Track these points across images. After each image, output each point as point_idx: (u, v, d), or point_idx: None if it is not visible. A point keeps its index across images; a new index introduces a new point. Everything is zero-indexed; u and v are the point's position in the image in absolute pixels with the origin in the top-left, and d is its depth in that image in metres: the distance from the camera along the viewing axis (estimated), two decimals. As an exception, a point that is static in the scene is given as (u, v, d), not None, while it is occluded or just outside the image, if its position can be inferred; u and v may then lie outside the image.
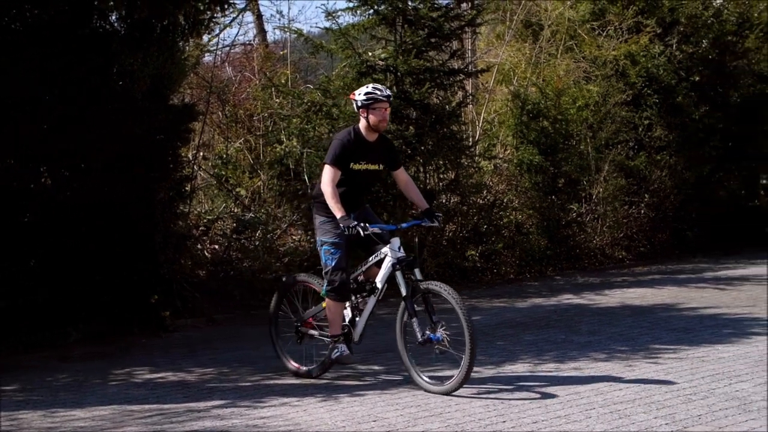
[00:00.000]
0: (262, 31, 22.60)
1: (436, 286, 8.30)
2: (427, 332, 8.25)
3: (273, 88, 15.34)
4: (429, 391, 8.31)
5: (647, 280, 15.82)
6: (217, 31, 16.50)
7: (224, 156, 14.89)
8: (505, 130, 17.68)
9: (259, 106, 15.40)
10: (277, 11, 37.58)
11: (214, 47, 16.66)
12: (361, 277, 8.84)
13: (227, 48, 18.08)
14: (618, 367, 9.30)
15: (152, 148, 11.49)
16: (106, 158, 11.00)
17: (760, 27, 21.11)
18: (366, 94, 8.59)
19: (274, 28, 41.55)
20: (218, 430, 7.35)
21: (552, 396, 8.23)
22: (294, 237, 14.63)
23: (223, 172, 14.72)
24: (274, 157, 14.57)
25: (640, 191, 18.73)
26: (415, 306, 8.37)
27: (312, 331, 9.14)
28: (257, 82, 15.99)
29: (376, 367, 9.54)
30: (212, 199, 14.90)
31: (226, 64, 17.54)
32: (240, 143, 15.26)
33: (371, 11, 14.97)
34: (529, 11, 19.56)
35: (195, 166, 14.26)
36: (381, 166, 8.79)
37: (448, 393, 8.22)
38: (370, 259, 8.69)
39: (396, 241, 8.51)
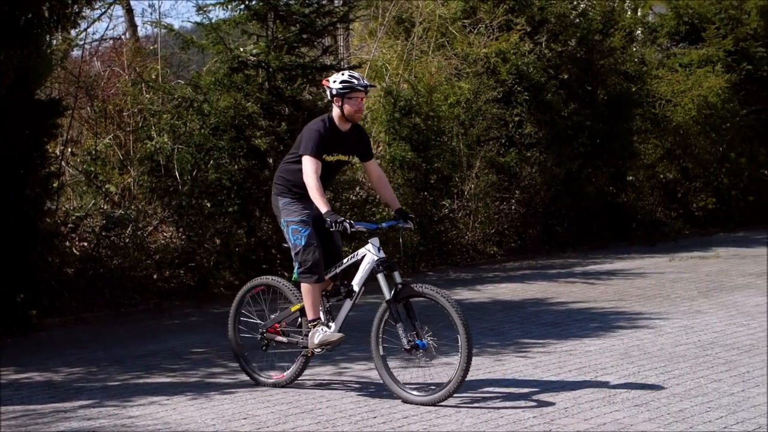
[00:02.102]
0: (132, 26, 22.34)
1: (428, 289, 7.85)
2: (410, 338, 7.85)
3: (143, 84, 15.14)
4: (412, 402, 7.82)
5: (518, 275, 16.02)
6: (85, 26, 16.25)
7: (93, 152, 14.63)
8: (377, 126, 17.72)
9: (129, 101, 15.18)
10: (149, 5, 37.12)
11: (83, 41, 16.39)
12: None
13: (96, 42, 17.80)
14: (488, 362, 9.41)
15: (17, 144, 11.24)
16: (-31, 154, 10.73)
17: (624, 27, 21.56)
18: (342, 82, 8.08)
19: (145, 23, 41.07)
20: (85, 430, 7.23)
21: (423, 391, 8.28)
22: (165, 234, 14.46)
23: (92, 169, 14.46)
24: (144, 153, 14.39)
25: (510, 187, 18.96)
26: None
27: (279, 337, 8.55)
28: (127, 77, 15.76)
29: (247, 365, 9.49)
30: (81, 196, 14.62)
31: (95, 58, 17.26)
32: (109, 139, 15.02)
33: (242, 6, 14.88)
34: (402, 8, 19.65)
35: (63, 162, 14.00)
36: (351, 157, 8.42)
37: (434, 403, 7.73)
38: (345, 261, 8.24)
39: (376, 241, 8.07)
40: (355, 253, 8.21)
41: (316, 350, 8.28)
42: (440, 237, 17.51)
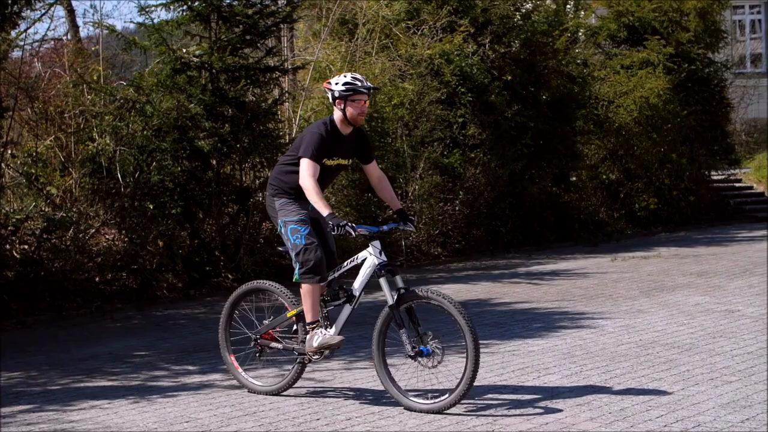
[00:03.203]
0: (74, 27, 22.13)
1: (433, 293, 7.65)
2: (414, 344, 7.64)
3: (84, 85, 15.01)
4: (416, 410, 7.58)
5: (462, 276, 16.07)
6: (26, 26, 16.09)
7: (34, 154, 14.48)
8: (321, 127, 17.69)
9: (70, 102, 15.05)
10: (91, 6, 36.79)
11: (23, 42, 16.20)
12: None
13: (37, 43, 17.62)
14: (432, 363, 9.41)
15: (-44, 146, 11.12)
16: None
17: (568, 29, 21.70)
18: (345, 84, 7.84)
19: (86, 24, 40.73)
20: (25, 435, 7.16)
21: (366, 392, 8.29)
22: (107, 236, 14.35)
23: (33, 171, 14.32)
24: (86, 155, 14.27)
25: (455, 188, 19.01)
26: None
27: (274, 344, 8.28)
28: (68, 78, 15.62)
29: (190, 367, 9.45)
30: (21, 198, 14.47)
31: (36, 59, 17.08)
32: (50, 141, 14.87)
33: (185, 7, 14.84)
34: (345, 9, 19.63)
35: (2, 164, 13.85)
36: (351, 161, 8.24)
37: (441, 411, 7.49)
38: (344, 264, 8.02)
39: (378, 244, 7.85)
40: (356, 256, 7.98)
41: (314, 356, 8.02)
42: (384, 239, 17.50)
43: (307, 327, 7.96)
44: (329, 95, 8.00)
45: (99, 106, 14.74)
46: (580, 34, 24.09)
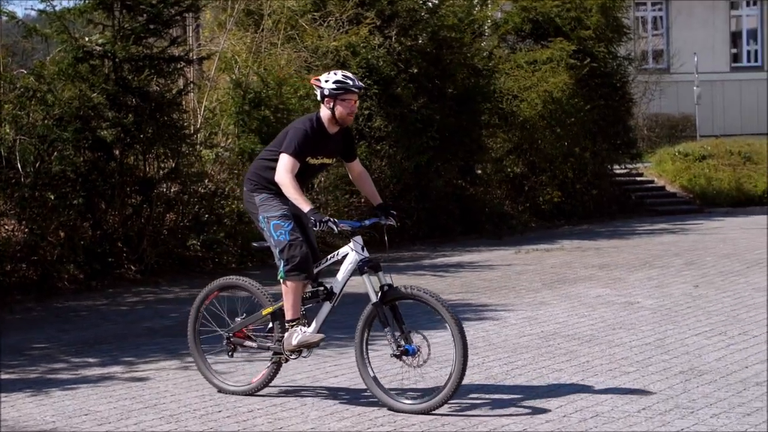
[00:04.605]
0: (-27, 13, 21.69)
1: (417, 290, 7.54)
2: (399, 343, 7.48)
3: (-17, 73, 14.74)
4: (402, 411, 7.37)
5: (367, 268, 16.06)
6: None
7: (-71, 142, 14.20)
8: (226, 118, 17.60)
9: (-33, 90, 14.77)
10: (-9, -8, 36.06)
11: None
12: None
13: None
14: (334, 355, 9.45)
15: None
16: None
17: (475, 22, 21.83)
18: (336, 82, 7.55)
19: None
20: None
21: (270, 386, 8.26)
22: (6, 227, 14.12)
23: (-71, 160, 14.03)
24: (-16, 144, 14.03)
25: (360, 181, 19.00)
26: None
27: (247, 342, 8.00)
28: (-34, 65, 15.31)
29: (90, 360, 9.34)
30: None
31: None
32: (-53, 129, 14.59)
33: (88, -5, 14.67)
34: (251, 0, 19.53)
35: None
36: (335, 160, 8.03)
37: (428, 411, 7.31)
38: (323, 261, 7.81)
39: (359, 239, 7.67)
40: (337, 251, 7.80)
41: (291, 356, 7.77)
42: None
43: (287, 325, 7.73)
44: (317, 93, 7.72)
45: (-2, 94, 14.50)
46: (485, 27, 24.22)
